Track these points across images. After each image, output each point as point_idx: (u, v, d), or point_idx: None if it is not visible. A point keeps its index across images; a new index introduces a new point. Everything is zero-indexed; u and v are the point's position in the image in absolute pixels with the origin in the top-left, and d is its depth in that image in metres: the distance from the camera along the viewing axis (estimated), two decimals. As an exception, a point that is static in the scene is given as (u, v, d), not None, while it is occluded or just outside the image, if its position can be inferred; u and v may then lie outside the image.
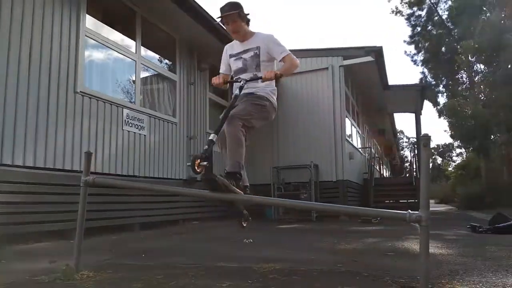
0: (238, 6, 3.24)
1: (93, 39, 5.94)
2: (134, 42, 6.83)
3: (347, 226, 7.79)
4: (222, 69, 3.57)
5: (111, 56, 6.55)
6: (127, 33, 6.84)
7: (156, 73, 7.58)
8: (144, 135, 6.72)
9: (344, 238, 5.56)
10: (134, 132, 6.48)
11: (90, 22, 5.89)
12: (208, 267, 3.17)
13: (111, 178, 5.37)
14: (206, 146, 2.85)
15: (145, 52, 7.16)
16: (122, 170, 6.14)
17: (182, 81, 7.96)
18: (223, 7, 3.21)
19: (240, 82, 3.17)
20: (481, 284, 2.56)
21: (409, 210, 2.38)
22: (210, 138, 2.88)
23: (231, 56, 3.44)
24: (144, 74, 7.32)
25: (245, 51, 3.33)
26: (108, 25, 6.51)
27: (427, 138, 2.40)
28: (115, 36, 6.65)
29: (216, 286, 2.52)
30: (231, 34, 3.40)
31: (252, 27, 3.39)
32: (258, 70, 3.26)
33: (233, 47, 3.46)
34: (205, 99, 8.73)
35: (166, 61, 8.14)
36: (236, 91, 3.13)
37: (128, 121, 6.33)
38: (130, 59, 6.74)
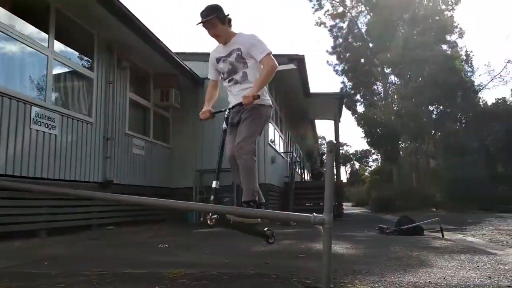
0: (215, 10, 3.20)
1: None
2: (47, 36, 6.40)
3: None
4: (211, 74, 3.61)
5: (21, 49, 6.07)
6: (39, 26, 6.37)
7: (71, 70, 7.15)
8: (55, 135, 6.31)
9: (261, 240, 5.64)
10: (44, 132, 6.06)
11: (-4, 12, 5.43)
12: (115, 273, 3.04)
13: (14, 181, 4.99)
14: (212, 197, 3.02)
15: (59, 47, 6.75)
16: (28, 172, 5.70)
17: (99, 79, 7.60)
18: (201, 12, 3.21)
19: (225, 111, 3.30)
20: (380, 283, 2.71)
21: (314, 213, 2.48)
22: (213, 186, 3.04)
23: (217, 60, 3.44)
24: (57, 71, 6.87)
25: (229, 54, 3.34)
26: (18, 16, 6.03)
27: (332, 144, 2.51)
28: (26, 28, 6.18)
29: (120, 294, 2.43)
30: (214, 38, 3.38)
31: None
32: (246, 67, 3.31)
33: (218, 51, 3.46)
34: (125, 99, 8.41)
35: (83, 57, 7.73)
36: (224, 125, 3.28)
37: (37, 119, 5.91)
38: (42, 54, 6.30)
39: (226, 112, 3.29)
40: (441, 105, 25.44)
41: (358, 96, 31.52)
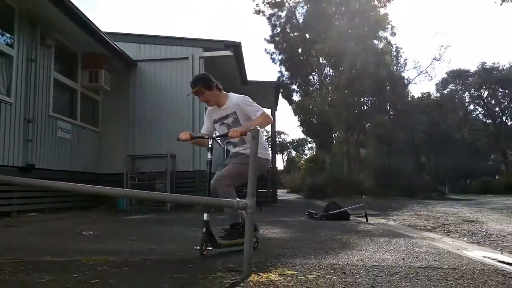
0: (200, 80, 3.48)
1: None
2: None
3: (199, 215, 7.88)
4: (205, 128, 3.74)
5: None
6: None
7: (-12, 45, 6.61)
8: (-31, 115, 5.82)
9: (191, 227, 5.61)
10: (-45, 111, 5.57)
11: None
12: (31, 262, 2.88)
13: None
14: (204, 229, 3.09)
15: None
16: None
17: (20, 57, 7.08)
18: (190, 82, 3.50)
19: (209, 139, 3.36)
20: (301, 266, 2.79)
21: (237, 198, 2.50)
22: (204, 219, 3.13)
23: (215, 121, 3.65)
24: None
25: (225, 117, 3.55)
26: None
27: (256, 131, 2.53)
28: None
29: (33, 282, 2.30)
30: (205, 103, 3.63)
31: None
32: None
33: (215, 112, 3.65)
34: (49, 79, 7.90)
35: (4, 33, 7.13)
36: (208, 156, 3.29)
37: None
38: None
39: (210, 142, 3.35)
40: (371, 96, 26.67)
41: (294, 86, 32.11)
